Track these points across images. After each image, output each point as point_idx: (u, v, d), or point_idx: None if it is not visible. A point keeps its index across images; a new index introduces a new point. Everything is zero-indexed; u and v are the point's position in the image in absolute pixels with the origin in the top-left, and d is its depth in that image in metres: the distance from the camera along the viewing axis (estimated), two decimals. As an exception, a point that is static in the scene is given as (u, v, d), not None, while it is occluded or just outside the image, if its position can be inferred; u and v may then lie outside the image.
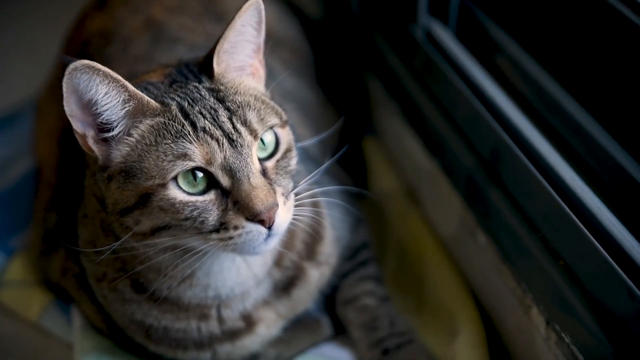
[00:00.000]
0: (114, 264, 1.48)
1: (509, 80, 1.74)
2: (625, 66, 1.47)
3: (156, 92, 1.34)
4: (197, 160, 1.27)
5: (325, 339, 1.73)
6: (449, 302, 1.76)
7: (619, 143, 1.46)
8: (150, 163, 1.28)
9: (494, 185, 1.64)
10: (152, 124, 1.30)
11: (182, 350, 1.55)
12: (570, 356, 1.42)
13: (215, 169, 1.29)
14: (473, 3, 1.87)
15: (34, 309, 1.82)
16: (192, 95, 1.33)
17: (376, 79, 2.20)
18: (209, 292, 1.49)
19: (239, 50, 1.39)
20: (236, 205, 1.29)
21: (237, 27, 1.35)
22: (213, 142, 1.28)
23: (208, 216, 1.30)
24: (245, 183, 1.29)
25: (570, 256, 1.44)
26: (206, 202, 1.30)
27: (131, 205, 1.31)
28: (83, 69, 1.24)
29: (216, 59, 1.36)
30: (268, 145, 1.36)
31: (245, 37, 1.38)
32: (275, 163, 1.36)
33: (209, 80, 1.37)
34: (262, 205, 1.28)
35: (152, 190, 1.29)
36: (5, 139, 2.33)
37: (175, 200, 1.28)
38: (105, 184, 1.35)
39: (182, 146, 1.27)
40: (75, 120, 1.29)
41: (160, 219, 1.30)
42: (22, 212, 1.99)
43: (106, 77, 1.26)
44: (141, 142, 1.30)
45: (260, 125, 1.33)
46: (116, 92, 1.28)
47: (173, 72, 1.39)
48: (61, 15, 2.18)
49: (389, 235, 1.97)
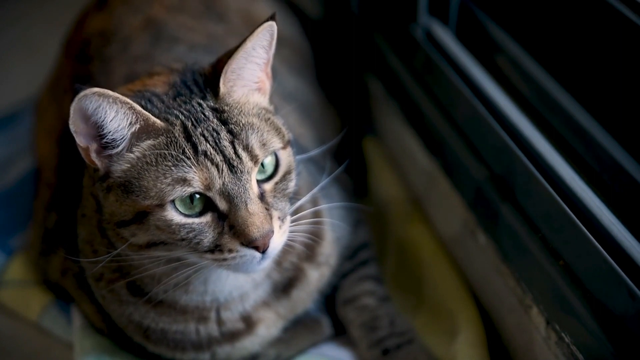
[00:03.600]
0: (110, 264, 1.48)
1: (508, 80, 1.74)
2: (625, 66, 1.47)
3: (160, 106, 1.33)
4: (195, 186, 1.27)
5: (325, 339, 1.73)
6: (448, 302, 1.76)
7: (619, 143, 1.46)
8: (149, 182, 1.28)
9: (494, 185, 1.64)
10: (154, 143, 1.30)
11: (181, 351, 1.55)
12: (570, 356, 1.42)
13: (214, 193, 1.29)
14: (473, 3, 1.87)
15: (34, 308, 1.82)
16: (196, 115, 1.32)
17: (376, 79, 2.20)
18: (207, 297, 1.49)
19: (247, 71, 1.37)
20: (232, 230, 1.30)
21: (247, 49, 1.33)
22: (213, 168, 1.28)
23: (203, 238, 1.30)
24: (243, 209, 1.29)
25: (570, 256, 1.44)
26: (202, 225, 1.30)
27: (128, 220, 1.32)
28: (92, 97, 1.24)
29: (223, 78, 1.34)
30: (267, 168, 1.35)
31: (254, 60, 1.36)
32: (273, 186, 1.36)
33: (213, 99, 1.35)
34: (258, 232, 1.28)
35: (149, 210, 1.29)
36: (5, 139, 2.33)
37: (172, 221, 1.29)
38: (104, 193, 1.35)
39: (182, 170, 1.27)
40: (79, 135, 1.29)
41: (156, 236, 1.31)
42: (22, 212, 1.99)
43: (115, 103, 1.26)
44: (142, 160, 1.30)
45: (262, 151, 1.32)
46: (123, 115, 1.28)
47: (178, 83, 1.38)
48: (61, 15, 2.18)
49: (389, 235, 1.97)
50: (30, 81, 2.30)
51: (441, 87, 1.85)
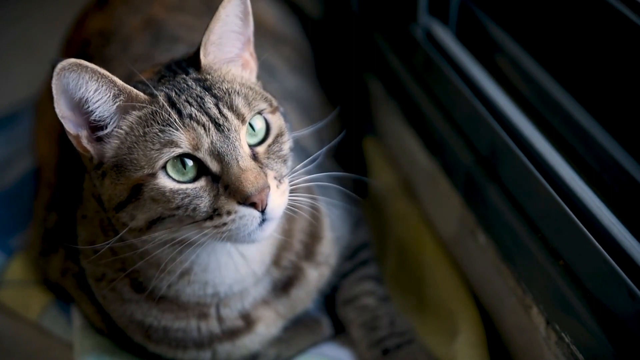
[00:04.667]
0: (113, 264, 1.48)
1: (508, 80, 1.74)
2: (625, 66, 1.47)
3: (144, 88, 1.35)
4: (183, 147, 1.28)
5: (325, 338, 1.73)
6: (449, 301, 1.76)
7: (619, 143, 1.46)
8: (139, 154, 1.29)
9: (494, 185, 1.64)
10: (140, 115, 1.31)
11: (182, 350, 1.55)
12: (570, 356, 1.42)
13: (204, 154, 1.29)
14: (473, 3, 1.87)
15: (34, 308, 1.82)
16: (179, 86, 1.34)
17: (376, 78, 2.20)
18: (208, 289, 1.49)
19: (225, 42, 1.39)
20: (227, 190, 1.29)
21: (221, 17, 1.36)
22: (199, 128, 1.28)
23: (199, 203, 1.29)
24: (234, 166, 1.29)
25: (570, 256, 1.44)
26: (197, 189, 1.30)
27: (124, 199, 1.31)
28: (71, 68, 1.25)
29: (203, 50, 1.37)
30: (258, 132, 1.36)
31: (230, 28, 1.39)
32: (266, 148, 1.36)
33: (196, 72, 1.38)
34: (252, 187, 1.27)
35: (142, 181, 1.29)
36: (5, 139, 2.33)
37: (166, 189, 1.29)
38: (100, 181, 1.35)
39: (168, 134, 1.28)
40: (67, 121, 1.30)
41: (153, 210, 1.30)
42: (22, 212, 1.99)
43: (95, 74, 1.27)
44: (130, 134, 1.31)
45: (248, 109, 1.33)
46: (106, 88, 1.29)
47: (162, 69, 1.40)
48: (61, 15, 2.18)
49: (389, 235, 1.97)
50: (30, 81, 2.30)
51: (441, 87, 1.85)
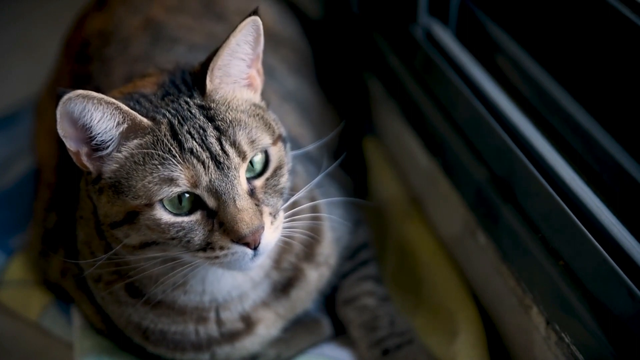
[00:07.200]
0: (108, 266, 1.48)
1: (508, 80, 1.74)
2: (625, 66, 1.47)
3: (147, 106, 1.34)
4: (182, 185, 1.27)
5: (325, 339, 1.73)
6: (448, 302, 1.76)
7: (619, 143, 1.46)
8: (137, 182, 1.28)
9: (494, 185, 1.64)
10: (141, 142, 1.30)
11: (180, 351, 1.55)
12: (570, 356, 1.42)
13: (201, 191, 1.29)
14: (473, 3, 1.87)
15: (34, 308, 1.82)
16: (182, 113, 1.32)
17: (376, 79, 2.20)
18: (205, 297, 1.49)
19: (233, 67, 1.37)
20: (222, 227, 1.29)
21: (231, 46, 1.33)
22: (199, 165, 1.28)
23: (194, 236, 1.30)
24: (231, 206, 1.28)
25: (570, 256, 1.44)
26: (192, 223, 1.30)
27: (120, 220, 1.32)
28: (77, 99, 1.24)
29: (209, 75, 1.34)
30: (256, 165, 1.35)
31: (240, 55, 1.36)
32: (264, 182, 1.35)
33: (200, 97, 1.35)
34: (247, 228, 1.28)
35: (139, 209, 1.29)
36: (5, 139, 2.33)
37: (161, 220, 1.29)
38: (97, 195, 1.35)
39: (168, 169, 1.27)
40: (68, 140, 1.30)
41: (147, 235, 1.31)
42: (22, 212, 1.99)
43: (100, 104, 1.26)
44: (130, 160, 1.30)
45: (250, 147, 1.32)
46: (110, 116, 1.28)
47: (166, 83, 1.38)
48: (61, 15, 2.18)
49: (389, 235, 1.97)
50: (30, 81, 2.30)
51: (441, 87, 1.85)
